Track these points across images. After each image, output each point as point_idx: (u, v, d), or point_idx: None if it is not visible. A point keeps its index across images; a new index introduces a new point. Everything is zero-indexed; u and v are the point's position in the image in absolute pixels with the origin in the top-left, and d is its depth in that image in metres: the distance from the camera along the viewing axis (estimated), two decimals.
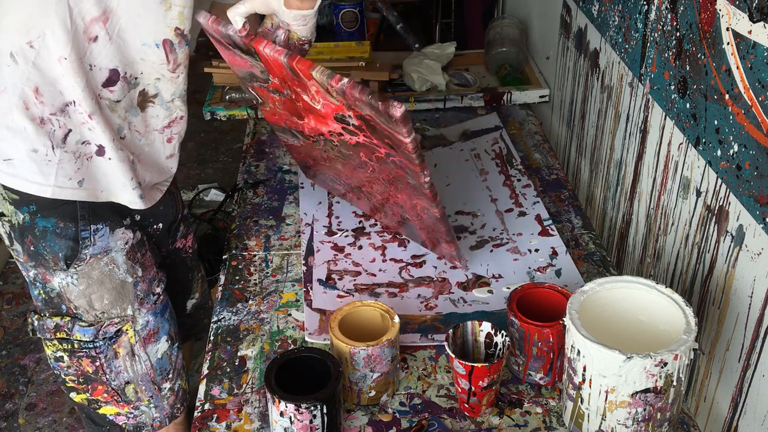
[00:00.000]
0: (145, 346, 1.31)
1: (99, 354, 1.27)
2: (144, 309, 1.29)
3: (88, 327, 1.24)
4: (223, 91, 1.98)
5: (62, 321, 1.24)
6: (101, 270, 1.22)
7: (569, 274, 1.36)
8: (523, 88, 1.95)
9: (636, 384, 0.97)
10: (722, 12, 1.08)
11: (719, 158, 1.13)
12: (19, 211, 1.16)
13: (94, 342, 1.25)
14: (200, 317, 1.63)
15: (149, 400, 1.35)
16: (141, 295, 1.28)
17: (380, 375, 1.11)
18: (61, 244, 1.17)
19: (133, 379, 1.31)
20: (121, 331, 1.27)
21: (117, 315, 1.26)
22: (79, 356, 1.26)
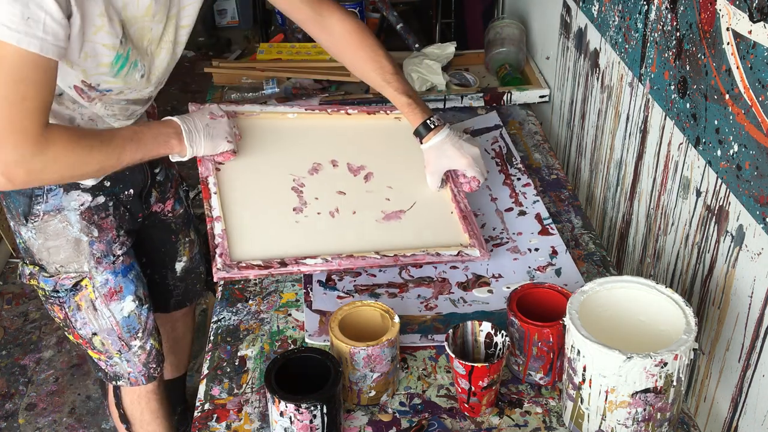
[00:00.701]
0: (108, 303, 1.41)
1: (63, 303, 1.40)
2: (101, 267, 1.39)
3: (49, 278, 1.37)
4: (223, 91, 1.98)
5: (34, 270, 1.38)
6: (55, 227, 1.33)
7: (569, 274, 1.36)
8: (523, 88, 1.95)
9: (636, 384, 0.97)
10: (722, 12, 1.08)
11: (719, 158, 1.13)
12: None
13: (57, 292, 1.39)
14: (192, 282, 1.71)
15: (118, 353, 1.46)
16: (97, 254, 1.38)
17: (380, 375, 1.11)
18: (19, 200, 1.31)
19: (99, 331, 1.43)
20: (81, 286, 1.39)
21: (74, 270, 1.37)
22: (51, 303, 1.41)
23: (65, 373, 2.27)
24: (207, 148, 1.37)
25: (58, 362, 2.31)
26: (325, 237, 1.35)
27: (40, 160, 1.10)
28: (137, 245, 1.50)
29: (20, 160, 1.09)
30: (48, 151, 1.11)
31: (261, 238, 1.33)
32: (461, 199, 1.44)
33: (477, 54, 2.17)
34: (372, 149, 1.56)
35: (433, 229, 1.40)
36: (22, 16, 1.00)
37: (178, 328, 1.80)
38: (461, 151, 1.41)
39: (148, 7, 1.20)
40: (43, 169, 1.12)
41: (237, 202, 1.38)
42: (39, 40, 1.02)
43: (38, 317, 2.48)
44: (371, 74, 1.46)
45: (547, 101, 1.96)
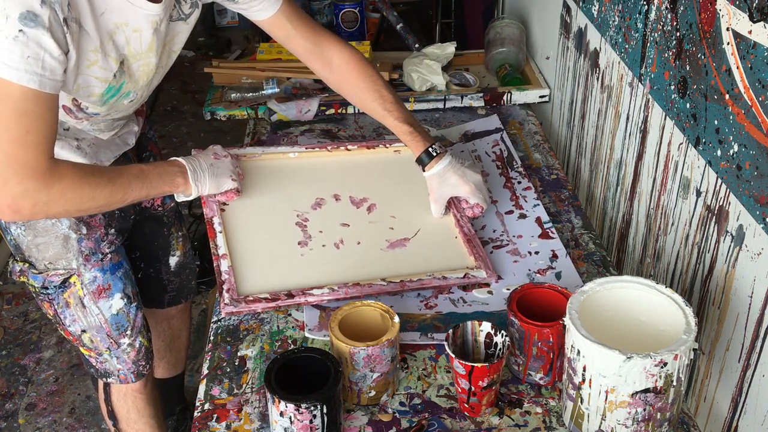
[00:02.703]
0: (96, 300, 1.42)
1: (52, 300, 1.41)
2: (90, 265, 1.40)
3: (38, 274, 1.39)
4: (223, 91, 1.98)
5: (24, 266, 1.40)
6: (44, 223, 1.34)
7: (569, 277, 1.35)
8: (523, 88, 1.95)
9: (636, 384, 0.97)
10: (722, 12, 1.08)
11: (719, 158, 1.13)
12: None
13: (47, 289, 1.40)
14: (187, 277, 1.73)
15: (108, 350, 1.47)
16: (86, 252, 1.39)
17: (380, 375, 1.11)
18: None
19: (88, 328, 1.44)
20: (69, 283, 1.40)
21: (63, 267, 1.39)
22: (41, 300, 1.43)
23: (65, 373, 2.27)
24: (212, 187, 1.40)
25: (58, 362, 2.31)
26: (331, 267, 1.36)
27: (45, 194, 1.12)
28: (130, 240, 1.51)
29: (26, 193, 1.10)
30: (54, 187, 1.12)
31: (267, 273, 1.35)
32: (464, 223, 1.44)
33: (477, 54, 2.17)
34: (373, 182, 1.58)
35: (439, 254, 1.40)
36: (22, 55, 1.03)
37: (174, 325, 1.80)
38: (464, 178, 1.42)
39: (150, 43, 1.23)
40: (48, 203, 1.13)
41: (242, 240, 1.41)
42: (38, 76, 1.05)
43: (38, 317, 2.48)
44: (372, 104, 1.48)
45: (547, 101, 1.96)
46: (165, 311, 1.75)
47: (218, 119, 1.93)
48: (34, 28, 1.02)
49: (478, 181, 1.44)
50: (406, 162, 1.52)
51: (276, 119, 1.88)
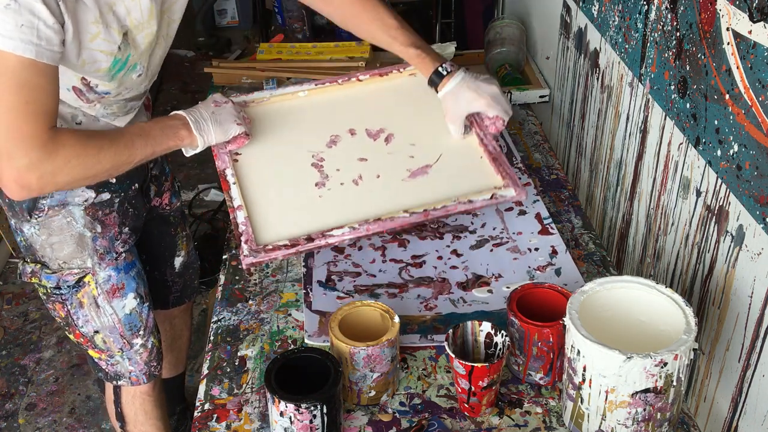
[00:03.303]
0: (110, 300, 1.41)
1: (65, 301, 1.40)
2: (104, 264, 1.39)
3: (52, 274, 1.37)
4: (223, 91, 1.98)
5: (36, 267, 1.38)
6: (59, 222, 1.33)
7: (569, 273, 1.36)
8: (523, 88, 1.95)
9: (636, 384, 0.97)
10: (722, 12, 1.08)
11: (719, 158, 1.13)
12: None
13: (60, 289, 1.38)
14: (190, 277, 1.72)
15: (120, 351, 1.46)
16: (101, 250, 1.38)
17: (380, 375, 1.11)
18: None
19: (101, 329, 1.43)
20: (84, 282, 1.39)
21: (77, 266, 1.38)
22: (53, 300, 1.41)
23: (65, 373, 2.27)
24: (218, 135, 1.33)
25: (58, 362, 2.31)
26: (352, 206, 1.28)
27: (50, 164, 1.11)
28: (138, 242, 1.50)
29: (31, 165, 1.09)
30: (58, 154, 1.11)
31: (286, 219, 1.28)
32: (489, 141, 1.36)
33: (477, 54, 2.17)
34: (389, 110, 1.50)
35: (464, 177, 1.33)
36: (15, 23, 1.02)
37: (176, 325, 1.80)
38: (478, 92, 1.35)
39: (150, 9, 1.21)
40: (54, 173, 1.12)
41: (258, 189, 1.34)
42: (34, 45, 1.04)
43: (38, 317, 2.48)
44: (377, 33, 1.43)
45: (547, 101, 1.96)
46: (168, 312, 1.75)
47: None
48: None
49: (495, 93, 1.36)
50: (424, 85, 1.42)
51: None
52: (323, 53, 2.08)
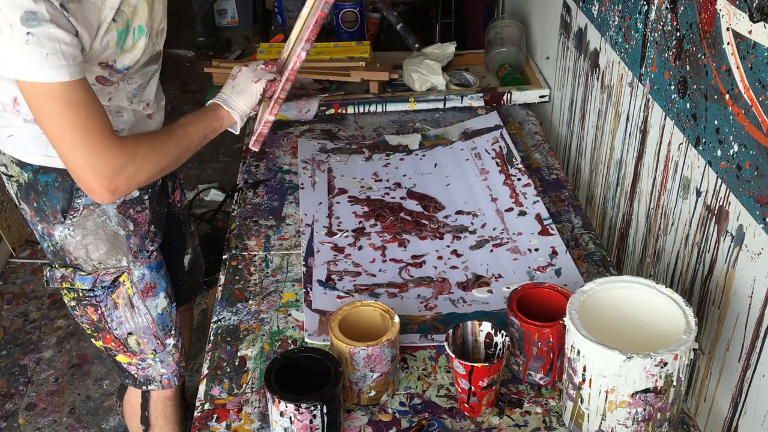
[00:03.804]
0: (144, 299, 1.40)
1: (99, 303, 1.37)
2: (138, 262, 1.38)
3: (87, 276, 1.36)
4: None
5: (67, 271, 1.36)
6: (94, 221, 1.32)
7: (569, 274, 1.36)
8: (523, 88, 1.95)
9: (636, 384, 0.97)
10: (722, 12, 1.08)
11: (719, 158, 1.13)
12: (23, 170, 1.28)
13: (94, 291, 1.36)
14: (197, 275, 1.72)
15: (153, 353, 1.45)
16: (134, 249, 1.38)
17: (380, 375, 1.11)
18: (59, 196, 1.29)
19: (135, 330, 1.41)
20: (119, 282, 1.37)
21: (113, 265, 1.36)
22: (84, 304, 1.38)
23: (65, 373, 2.27)
24: (246, 102, 1.37)
25: (58, 362, 2.31)
26: None
27: (132, 165, 1.17)
28: None
29: (116, 171, 1.15)
30: (136, 155, 1.17)
31: None
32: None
33: (477, 54, 2.17)
34: None
35: None
36: (41, 55, 1.05)
37: None
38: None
39: None
40: (137, 172, 1.18)
41: None
42: (65, 68, 1.07)
43: (38, 317, 2.48)
44: None
45: (547, 101, 1.96)
46: None
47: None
48: (39, 26, 1.03)
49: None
50: None
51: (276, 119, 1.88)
52: (323, 53, 2.08)
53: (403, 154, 1.75)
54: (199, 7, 4.02)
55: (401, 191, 1.62)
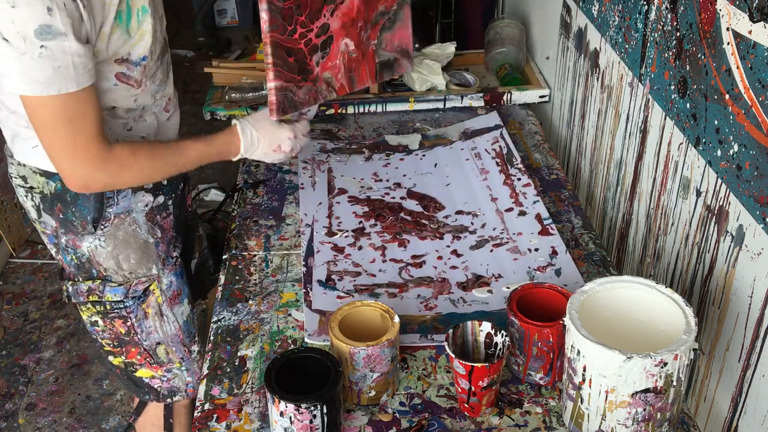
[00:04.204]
0: (172, 306, 1.40)
1: (129, 314, 1.35)
2: (167, 270, 1.38)
3: (118, 287, 1.33)
4: (223, 91, 1.98)
5: (94, 284, 1.33)
6: (125, 230, 1.31)
7: (569, 274, 1.36)
8: (523, 88, 1.95)
9: (636, 384, 0.97)
10: (722, 12, 1.08)
11: (719, 158, 1.13)
12: (50, 180, 1.25)
13: (125, 302, 1.34)
14: (202, 278, 1.69)
15: (180, 362, 1.44)
16: (162, 256, 1.37)
17: (380, 375, 1.11)
18: (89, 206, 1.27)
19: (164, 339, 1.40)
20: (149, 291, 1.36)
21: (144, 274, 1.35)
22: (112, 317, 1.35)
23: (65, 373, 2.27)
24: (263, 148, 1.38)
25: (58, 362, 2.31)
26: None
27: (110, 178, 1.19)
28: None
29: (91, 179, 1.18)
30: (115, 170, 1.18)
31: None
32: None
33: (477, 54, 2.17)
34: None
35: None
36: (53, 68, 1.04)
37: None
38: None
39: None
40: (114, 184, 1.22)
41: None
42: (73, 79, 1.07)
43: (38, 317, 2.48)
44: None
45: (547, 101, 1.96)
46: None
47: (218, 119, 1.93)
48: (53, 39, 1.02)
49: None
50: None
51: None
52: None
53: (403, 154, 1.76)
54: (199, 7, 4.02)
55: (401, 191, 1.62)
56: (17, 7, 1.00)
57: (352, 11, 1.42)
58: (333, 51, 1.43)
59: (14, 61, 1.03)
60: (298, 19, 1.39)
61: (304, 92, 1.42)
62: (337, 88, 1.46)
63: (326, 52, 1.42)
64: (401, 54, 1.54)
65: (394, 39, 1.51)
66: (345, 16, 1.42)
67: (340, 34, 1.42)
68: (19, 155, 1.25)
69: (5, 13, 1.01)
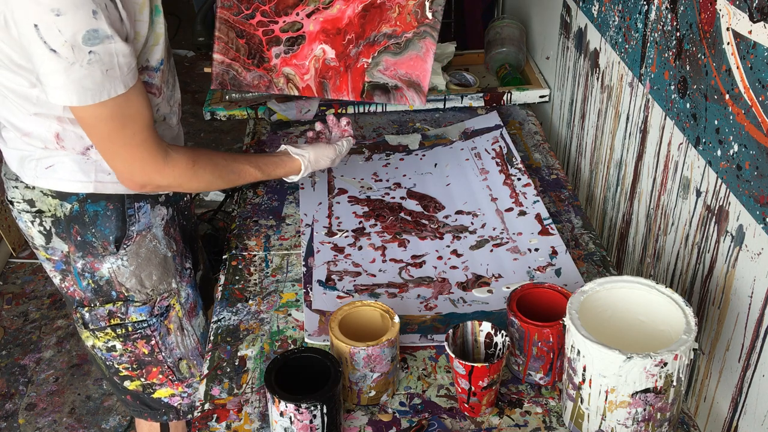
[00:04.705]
0: (191, 319, 1.39)
1: (153, 332, 1.33)
2: (184, 282, 1.36)
3: (143, 306, 1.30)
4: (222, 91, 1.98)
5: (115, 306, 1.29)
6: (147, 247, 1.28)
7: (569, 274, 1.36)
8: (523, 88, 1.95)
9: (636, 384, 0.97)
10: (722, 12, 1.08)
11: (719, 158, 1.13)
12: (65, 201, 1.21)
13: (148, 321, 1.31)
14: (207, 289, 1.66)
15: (200, 375, 1.39)
16: (179, 269, 1.35)
17: (380, 375, 1.11)
18: (111, 226, 1.24)
19: (185, 354, 1.39)
20: (171, 306, 1.34)
21: (165, 289, 1.33)
22: (134, 338, 1.32)
23: (65, 373, 2.27)
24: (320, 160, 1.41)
25: (58, 362, 2.31)
26: None
27: (166, 181, 1.18)
28: None
29: (149, 182, 1.17)
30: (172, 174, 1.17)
31: None
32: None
33: (477, 54, 2.17)
34: None
35: None
36: (102, 72, 1.02)
37: None
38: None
39: None
40: (170, 186, 1.20)
41: None
42: (120, 80, 1.05)
43: (38, 317, 2.48)
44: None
45: (547, 101, 1.96)
46: None
47: (218, 119, 1.93)
48: (100, 43, 1.00)
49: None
50: None
51: (276, 119, 1.88)
52: None
53: (403, 154, 1.76)
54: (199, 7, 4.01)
55: (401, 191, 1.62)
56: (63, 15, 0.96)
57: (339, 21, 1.42)
58: (302, 51, 1.45)
59: (62, 73, 1.00)
60: (259, 7, 1.42)
61: (253, 76, 1.46)
62: (300, 87, 1.48)
63: (292, 49, 1.44)
64: (407, 84, 1.50)
65: (399, 66, 1.48)
66: (328, 23, 1.43)
67: (316, 38, 1.43)
68: (29, 178, 1.21)
69: (50, 22, 0.96)
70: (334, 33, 1.43)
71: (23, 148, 1.18)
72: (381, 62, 1.48)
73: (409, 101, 1.51)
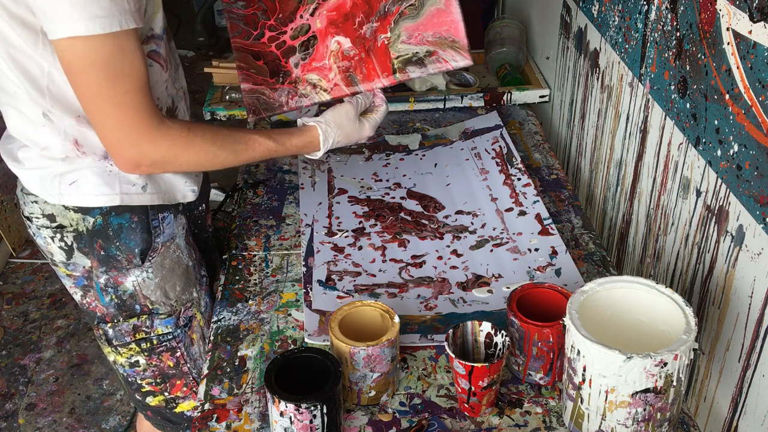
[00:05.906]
0: (210, 327, 1.33)
1: (179, 344, 1.30)
2: (203, 290, 1.35)
3: (168, 318, 1.28)
4: (223, 91, 1.98)
5: (139, 321, 1.26)
6: (171, 257, 1.26)
7: (569, 274, 1.36)
8: (523, 88, 1.95)
9: (636, 384, 0.97)
10: (722, 12, 1.08)
11: (719, 158, 1.13)
12: (88, 216, 1.17)
13: (174, 332, 1.29)
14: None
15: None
16: (198, 277, 1.33)
17: (380, 375, 1.11)
18: (136, 238, 1.20)
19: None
20: (193, 316, 1.32)
21: (188, 299, 1.30)
22: (159, 352, 1.29)
23: (65, 373, 2.27)
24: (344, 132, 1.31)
25: (58, 362, 2.31)
26: None
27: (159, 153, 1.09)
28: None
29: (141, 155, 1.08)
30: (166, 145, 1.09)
31: None
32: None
33: (477, 54, 2.17)
34: None
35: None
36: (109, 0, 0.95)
37: None
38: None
39: None
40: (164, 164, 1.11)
41: None
42: (129, 13, 0.98)
43: (38, 317, 2.48)
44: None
45: (547, 101, 1.96)
46: None
47: (218, 119, 1.93)
48: None
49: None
50: None
51: (276, 119, 1.88)
52: None
53: (403, 154, 1.76)
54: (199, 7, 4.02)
55: (401, 191, 1.62)
56: None
57: (344, 6, 1.32)
58: (317, 51, 1.35)
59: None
60: (265, 23, 1.37)
61: (280, 94, 1.38)
62: (328, 89, 1.36)
63: (308, 53, 1.36)
64: (440, 45, 1.27)
65: (423, 29, 1.27)
66: (334, 13, 1.33)
67: (327, 32, 1.34)
68: (53, 197, 1.16)
69: None
70: (342, 21, 1.32)
71: (43, 166, 1.14)
72: (402, 32, 1.29)
73: (450, 63, 1.27)
